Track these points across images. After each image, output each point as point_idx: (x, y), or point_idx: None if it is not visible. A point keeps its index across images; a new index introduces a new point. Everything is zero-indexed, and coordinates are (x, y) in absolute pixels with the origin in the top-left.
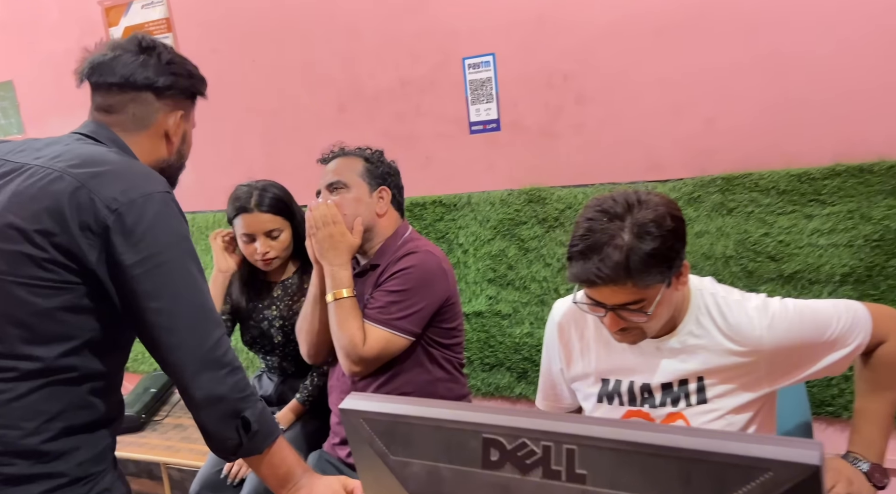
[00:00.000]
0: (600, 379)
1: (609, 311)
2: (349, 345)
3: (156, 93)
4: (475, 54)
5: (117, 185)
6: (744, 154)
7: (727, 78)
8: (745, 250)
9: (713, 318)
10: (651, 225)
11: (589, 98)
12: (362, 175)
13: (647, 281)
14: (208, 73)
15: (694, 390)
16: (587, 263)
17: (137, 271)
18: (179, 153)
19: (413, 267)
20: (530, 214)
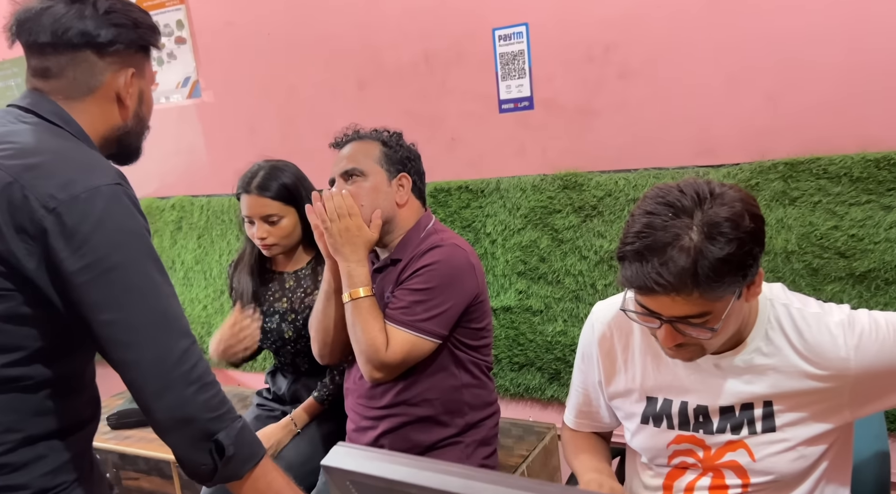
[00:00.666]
0: (646, 396)
1: (665, 323)
2: (370, 350)
3: (97, 50)
4: (506, 24)
5: (56, 179)
6: (811, 135)
7: (794, 46)
8: (809, 245)
9: (786, 335)
10: (726, 224)
11: (633, 72)
12: (380, 161)
13: (717, 291)
14: (222, 48)
15: (760, 416)
16: (644, 266)
17: (82, 279)
18: (138, 116)
19: (438, 262)
20: (565, 202)
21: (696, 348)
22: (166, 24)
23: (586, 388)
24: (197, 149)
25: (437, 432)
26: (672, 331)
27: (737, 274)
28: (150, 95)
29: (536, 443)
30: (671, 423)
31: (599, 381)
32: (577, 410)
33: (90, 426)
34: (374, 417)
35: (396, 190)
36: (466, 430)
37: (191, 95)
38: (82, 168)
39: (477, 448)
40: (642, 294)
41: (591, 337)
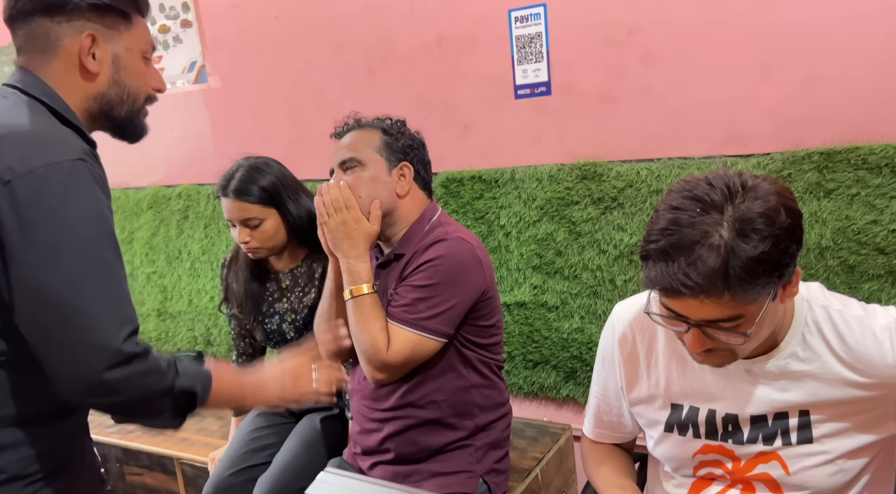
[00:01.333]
0: (670, 403)
1: (693, 328)
2: (371, 349)
3: (47, 14)
4: (523, 5)
5: (16, 152)
6: (850, 123)
7: (833, 28)
8: (845, 240)
9: (825, 338)
10: (760, 220)
11: (657, 56)
12: (380, 149)
13: (750, 294)
14: (228, 31)
15: (795, 426)
16: (670, 266)
17: (26, 257)
18: (116, 82)
19: (442, 257)
20: (584, 193)
21: (726, 353)
22: (171, 7)
23: (606, 395)
24: (203, 135)
25: (445, 435)
26: (700, 336)
27: (772, 275)
28: (133, 62)
29: (551, 445)
30: (698, 432)
31: (621, 387)
32: (597, 419)
33: (77, 415)
34: (379, 419)
35: (397, 180)
36: (476, 433)
37: (197, 80)
38: (45, 142)
39: (487, 451)
40: (668, 296)
41: (611, 339)
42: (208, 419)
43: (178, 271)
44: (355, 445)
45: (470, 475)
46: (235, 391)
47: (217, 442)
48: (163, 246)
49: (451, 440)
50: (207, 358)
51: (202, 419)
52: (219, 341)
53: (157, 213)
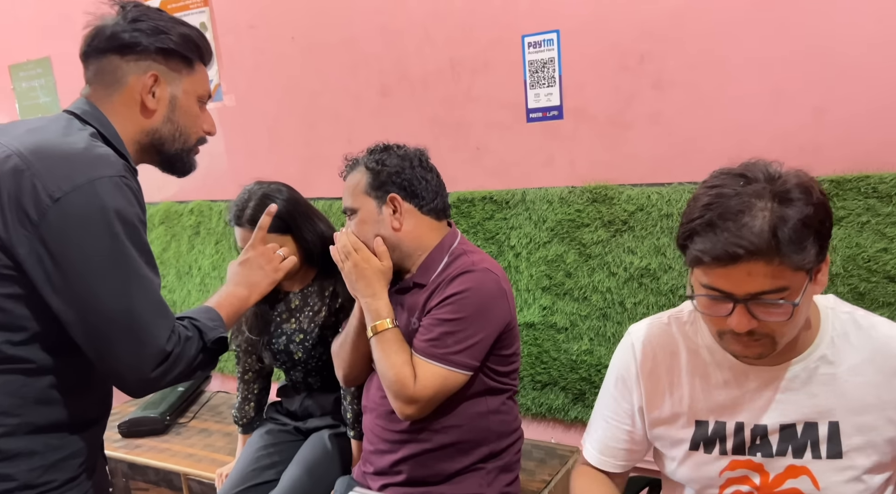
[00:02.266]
0: (695, 420)
1: (739, 304)
2: (397, 384)
3: (119, 53)
4: (536, 31)
5: (62, 170)
6: (860, 151)
7: (845, 58)
8: (855, 267)
9: (852, 344)
10: (797, 190)
11: (669, 82)
12: (367, 190)
13: (798, 258)
14: (245, 51)
15: (825, 437)
16: (720, 234)
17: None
18: (170, 120)
19: (470, 290)
20: (594, 215)
21: (767, 340)
22: None
23: (618, 418)
24: (217, 153)
25: (459, 460)
26: (746, 314)
27: (816, 242)
28: (188, 105)
29: (560, 467)
30: (724, 448)
31: (640, 407)
32: (603, 445)
33: (94, 428)
34: (393, 441)
35: (390, 214)
36: (490, 458)
37: (212, 99)
38: (88, 160)
39: (499, 474)
40: (719, 264)
41: (629, 358)
42: (215, 435)
43: (188, 286)
44: (367, 463)
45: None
46: (236, 303)
47: (224, 459)
48: (173, 261)
49: (465, 465)
50: (215, 374)
51: (209, 435)
52: (226, 356)
53: (168, 228)
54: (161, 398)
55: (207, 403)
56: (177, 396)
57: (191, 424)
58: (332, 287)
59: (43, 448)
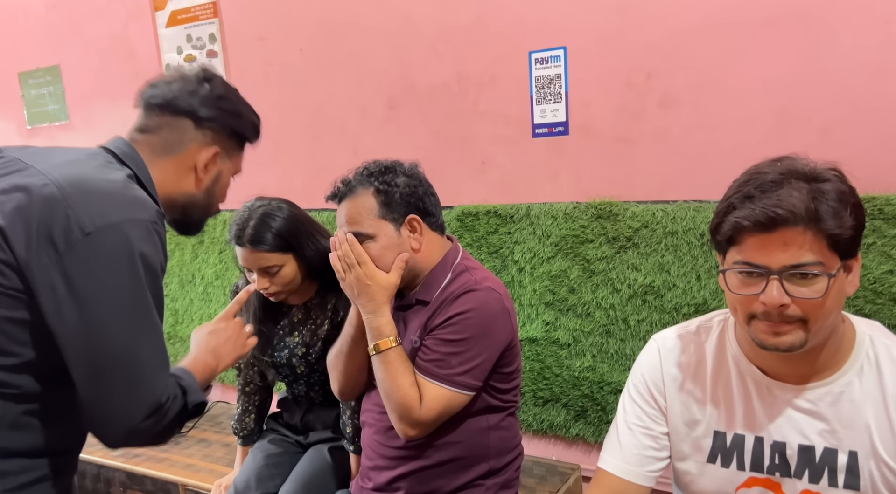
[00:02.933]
0: (713, 430)
1: (773, 277)
2: (403, 408)
3: (195, 121)
4: (544, 47)
5: (97, 206)
6: (866, 173)
7: (851, 79)
8: (861, 289)
9: (882, 376)
10: (830, 173)
11: (675, 100)
12: (381, 214)
13: (835, 229)
14: (253, 62)
15: (843, 467)
16: (758, 202)
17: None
18: (209, 192)
19: (473, 310)
20: (598, 231)
21: (798, 326)
22: (199, 38)
23: (644, 424)
24: None
25: (458, 477)
26: (780, 288)
27: (853, 221)
28: (227, 181)
29: (560, 485)
30: (742, 463)
31: (664, 413)
32: (630, 453)
33: (65, 458)
34: (393, 457)
35: (409, 235)
36: (489, 475)
37: None
38: (125, 199)
39: (498, 491)
40: (759, 230)
41: (655, 361)
42: (214, 445)
43: (191, 295)
44: (365, 479)
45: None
46: (206, 372)
47: (222, 469)
48: (177, 269)
49: (465, 482)
50: (215, 384)
51: (208, 445)
52: None
53: (172, 237)
54: None
55: (207, 413)
56: None
57: (190, 434)
58: (334, 300)
59: (16, 469)
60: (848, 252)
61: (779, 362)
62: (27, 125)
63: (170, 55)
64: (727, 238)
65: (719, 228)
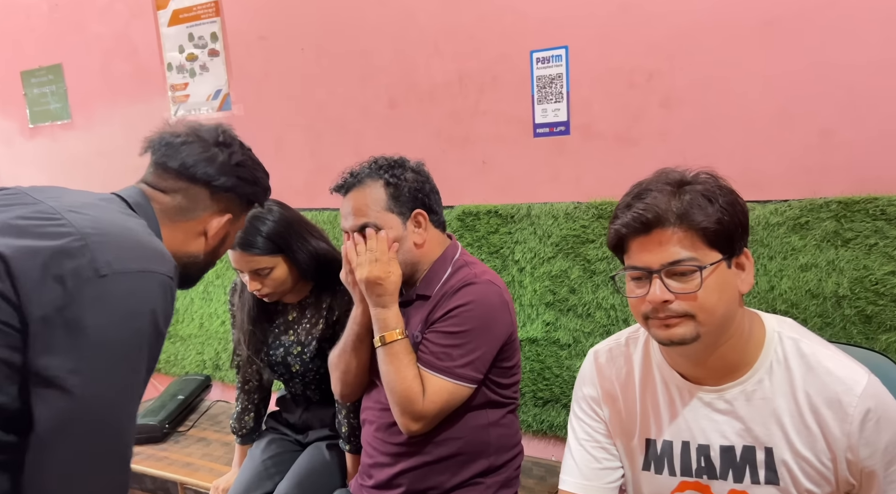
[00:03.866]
0: (645, 438)
1: (655, 276)
2: (405, 401)
3: (211, 191)
4: (545, 47)
5: (116, 252)
6: (868, 173)
7: (853, 79)
8: (862, 290)
9: (790, 370)
10: (703, 175)
11: (677, 100)
12: (388, 206)
13: (703, 222)
14: (254, 61)
15: (762, 462)
16: (630, 210)
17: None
18: (212, 253)
19: (473, 302)
20: (599, 232)
21: (687, 320)
22: (201, 37)
23: (593, 438)
24: None
25: (458, 473)
26: (661, 285)
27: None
28: (231, 240)
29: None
30: (673, 469)
31: (605, 420)
32: (588, 469)
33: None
34: (392, 453)
35: (413, 230)
36: (489, 473)
37: (221, 108)
38: (146, 250)
39: (497, 490)
40: (634, 234)
41: (591, 375)
42: (213, 444)
43: (191, 294)
44: (364, 477)
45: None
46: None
47: (221, 468)
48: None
49: (465, 478)
50: (215, 383)
51: (207, 444)
52: (227, 365)
53: None
54: (160, 406)
55: (206, 412)
56: (176, 404)
57: (189, 433)
58: (329, 299)
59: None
60: (728, 247)
61: (691, 364)
62: (29, 124)
63: (172, 54)
64: (614, 246)
65: (609, 238)
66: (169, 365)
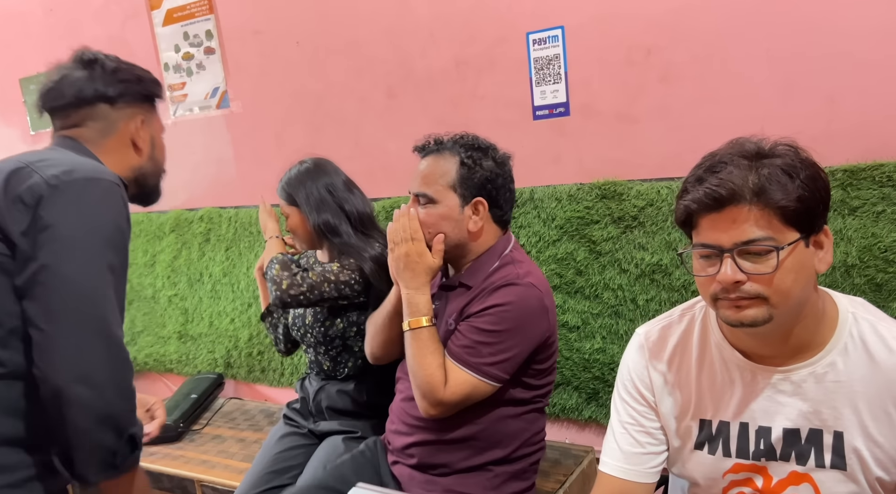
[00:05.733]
0: (699, 418)
1: (727, 255)
2: (427, 386)
3: (109, 103)
4: (541, 28)
5: (63, 167)
6: (875, 140)
7: (856, 44)
8: (872, 258)
9: (870, 353)
10: (783, 148)
11: (676, 75)
12: (454, 184)
13: (782, 200)
14: (250, 57)
15: (829, 446)
16: (705, 184)
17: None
18: (153, 159)
19: (511, 304)
20: (604, 212)
21: (758, 302)
22: (195, 35)
23: (637, 422)
24: (225, 160)
25: (471, 458)
26: (733, 264)
27: (803, 192)
28: (161, 142)
29: (574, 467)
30: (728, 449)
31: (653, 403)
32: (628, 453)
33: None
34: (411, 425)
35: (470, 216)
36: (502, 462)
37: (219, 106)
38: (89, 165)
39: (507, 480)
40: (706, 210)
41: (640, 358)
42: (229, 441)
43: (200, 293)
44: (387, 441)
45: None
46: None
47: (238, 465)
48: (184, 268)
49: (475, 463)
50: (227, 381)
51: (222, 441)
52: (239, 363)
53: (179, 236)
54: (174, 405)
55: (220, 410)
56: (190, 403)
57: (204, 431)
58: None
59: (8, 462)
60: (807, 225)
61: (759, 344)
62: (31, 131)
63: (168, 54)
64: (682, 222)
65: (677, 213)
66: (181, 364)
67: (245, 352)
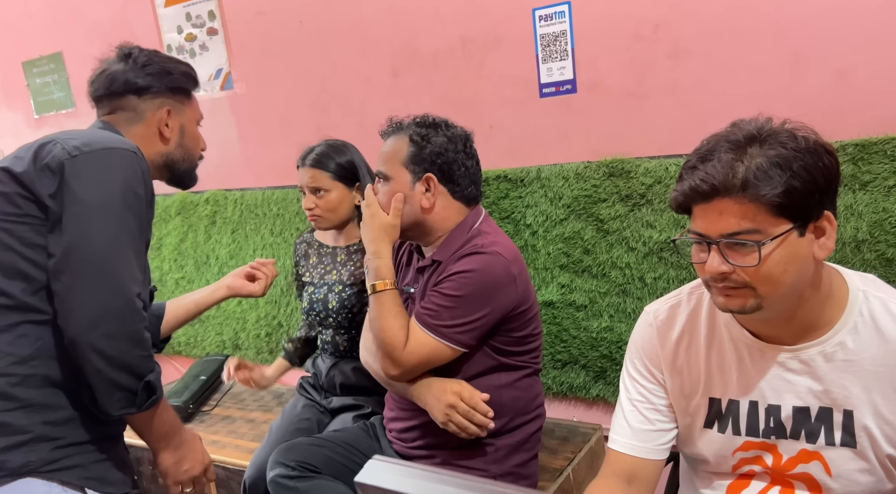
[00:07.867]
0: (709, 397)
1: (713, 246)
2: (388, 346)
3: (137, 94)
4: (547, 3)
5: (82, 139)
6: (885, 113)
7: (866, 17)
8: (882, 233)
9: (881, 331)
10: (782, 134)
11: (685, 50)
12: (405, 161)
13: (767, 196)
14: (254, 38)
15: (839, 424)
16: (697, 172)
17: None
18: (182, 147)
19: (474, 271)
20: (611, 190)
21: (746, 292)
22: (198, 16)
23: (647, 399)
24: (230, 141)
25: None
26: (718, 256)
27: (794, 183)
28: (193, 130)
29: (582, 445)
30: (738, 428)
31: (662, 381)
32: (637, 430)
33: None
34: (409, 408)
35: (422, 192)
36: (500, 433)
37: (223, 87)
38: (108, 137)
39: (510, 452)
40: (690, 200)
41: (649, 336)
42: (238, 422)
43: (207, 276)
44: (388, 430)
45: (483, 473)
46: (173, 421)
47: (248, 445)
48: (191, 251)
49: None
50: None
51: (232, 422)
52: (247, 345)
53: (185, 219)
54: (183, 387)
55: (229, 391)
56: (199, 385)
57: (214, 412)
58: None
59: (57, 400)
60: (801, 215)
61: (763, 325)
62: (35, 114)
63: (170, 35)
64: (676, 209)
65: (670, 202)
66: (189, 346)
67: (253, 334)
